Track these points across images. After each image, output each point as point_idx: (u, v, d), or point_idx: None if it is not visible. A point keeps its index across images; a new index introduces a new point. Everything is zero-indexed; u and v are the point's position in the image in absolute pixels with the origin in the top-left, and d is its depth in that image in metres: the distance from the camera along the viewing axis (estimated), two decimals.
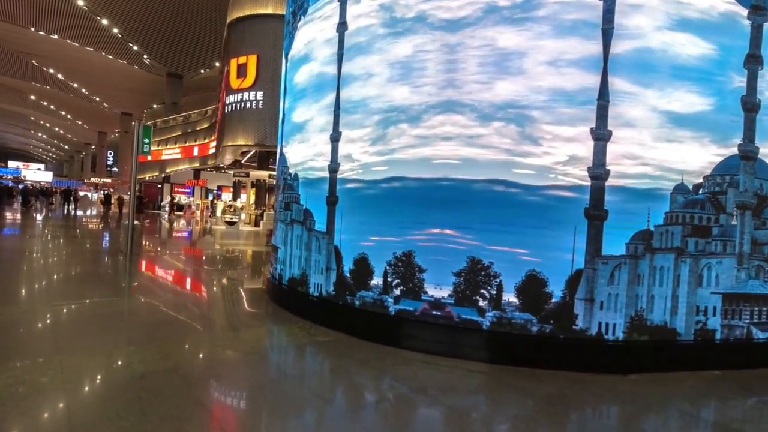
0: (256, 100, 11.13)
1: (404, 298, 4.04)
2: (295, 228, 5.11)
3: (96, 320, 4.21)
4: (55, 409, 2.46)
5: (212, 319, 4.71)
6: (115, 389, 2.69)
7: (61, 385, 2.73)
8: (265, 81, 11.05)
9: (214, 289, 6.46)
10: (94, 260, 8.33)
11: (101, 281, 6.28)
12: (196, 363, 3.37)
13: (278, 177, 5.93)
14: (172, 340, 3.83)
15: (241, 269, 8.92)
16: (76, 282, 6.09)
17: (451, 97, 3.90)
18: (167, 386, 2.79)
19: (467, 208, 3.84)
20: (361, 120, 4.42)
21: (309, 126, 5.07)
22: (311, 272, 4.79)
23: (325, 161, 4.73)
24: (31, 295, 5.07)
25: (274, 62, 10.92)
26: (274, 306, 5.31)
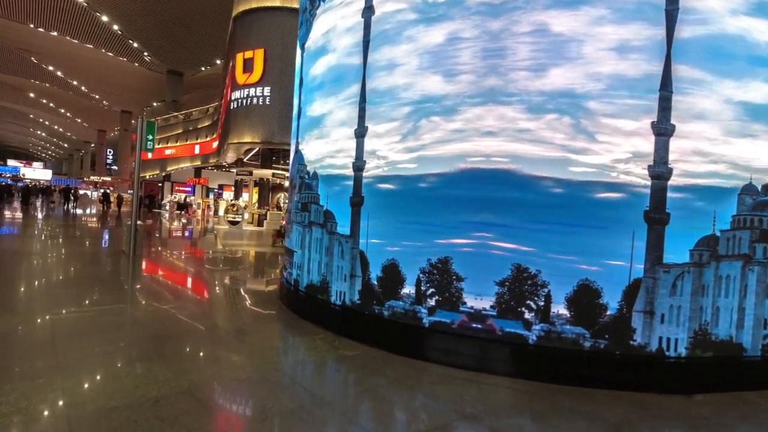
0: (263, 96, 10.72)
1: (440, 309, 3.68)
2: (314, 231, 4.74)
3: (99, 331, 3.85)
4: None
5: (224, 329, 4.35)
6: (126, 420, 2.33)
7: (63, 414, 2.36)
8: (273, 76, 10.66)
9: (223, 294, 6.10)
10: (95, 262, 7.96)
11: (103, 285, 5.91)
12: (214, 384, 3.01)
13: (293, 176, 5.56)
14: (184, 355, 3.47)
15: (250, 272, 8.56)
16: (76, 286, 5.72)
17: (493, 86, 3.53)
18: (184, 414, 2.43)
19: (512, 211, 3.48)
20: (389, 113, 4.05)
21: (329, 120, 4.70)
22: (333, 279, 4.42)
23: (347, 158, 4.36)
24: (29, 302, 4.71)
25: (282, 57, 10.56)
26: (290, 314, 4.94)
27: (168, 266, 8.47)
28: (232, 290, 6.36)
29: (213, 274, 7.77)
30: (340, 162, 4.47)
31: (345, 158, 4.41)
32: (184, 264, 8.87)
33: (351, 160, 4.32)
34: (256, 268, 9.07)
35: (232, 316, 4.79)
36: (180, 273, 7.85)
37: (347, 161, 4.37)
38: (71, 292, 5.39)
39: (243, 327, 4.45)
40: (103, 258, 8.58)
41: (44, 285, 5.64)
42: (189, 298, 5.74)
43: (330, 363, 3.53)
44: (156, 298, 5.39)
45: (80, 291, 5.47)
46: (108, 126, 52.02)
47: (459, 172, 3.65)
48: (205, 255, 10.57)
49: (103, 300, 5.04)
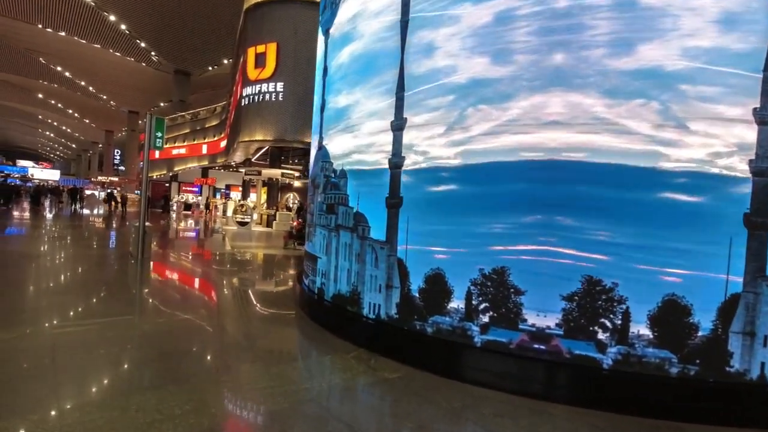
0: (275, 92, 10.28)
1: (495, 327, 3.19)
2: (341, 235, 4.27)
3: (105, 349, 3.41)
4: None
5: (243, 344, 3.89)
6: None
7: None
8: (286, 71, 10.20)
9: (237, 302, 5.65)
10: (101, 265, 7.56)
11: (110, 292, 5.48)
12: (240, 419, 2.55)
13: (315, 174, 5.09)
14: (202, 380, 3.02)
15: (263, 277, 8.12)
16: (81, 293, 5.30)
17: (560, 67, 3.04)
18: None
19: (582, 213, 2.98)
20: (430, 102, 3.58)
21: (359, 112, 4.23)
22: (365, 289, 3.95)
23: (381, 154, 3.89)
24: (29, 311, 4.29)
25: (296, 51, 10.10)
26: (314, 325, 4.48)
27: (177, 270, 8.05)
28: (246, 297, 5.91)
29: (225, 279, 7.34)
30: (373, 158, 4.00)
31: (378, 154, 3.94)
32: (194, 268, 8.45)
33: (385, 155, 3.85)
34: (269, 273, 8.63)
35: (251, 329, 4.34)
36: (190, 278, 7.42)
37: (380, 157, 3.90)
38: (75, 299, 4.97)
39: (264, 342, 3.99)
40: (109, 261, 8.19)
41: (47, 291, 5.23)
42: (201, 306, 5.30)
43: (370, 388, 3.06)
44: (167, 307, 4.95)
45: (85, 298, 5.05)
46: (115, 126, 52.09)
47: (516, 168, 3.17)
48: (215, 258, 10.15)
49: (109, 309, 4.61)
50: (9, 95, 44.63)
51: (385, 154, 3.88)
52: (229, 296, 5.92)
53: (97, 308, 4.62)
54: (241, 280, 7.31)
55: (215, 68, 34.33)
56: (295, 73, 10.13)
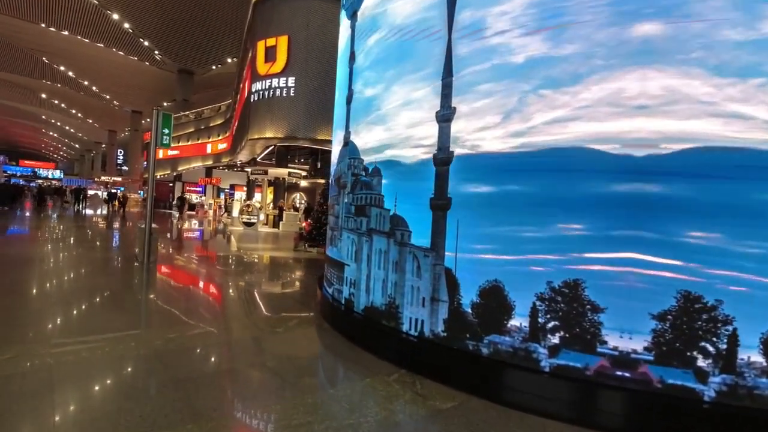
0: (286, 87, 9.80)
1: (567, 349, 2.73)
2: (375, 240, 3.81)
3: (111, 376, 2.97)
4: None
5: (268, 364, 3.43)
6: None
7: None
8: (297, 65, 9.74)
9: (253, 311, 5.20)
10: (105, 271, 7.13)
11: (115, 303, 5.05)
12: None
13: (340, 172, 4.63)
14: (226, 415, 2.57)
15: (278, 283, 7.67)
16: (83, 304, 4.86)
17: (645, 39, 2.56)
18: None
19: (678, 217, 2.51)
20: (483, 88, 3.11)
21: (395, 101, 3.77)
22: (405, 302, 3.49)
23: (422, 148, 3.43)
24: (25, 326, 3.85)
25: (307, 44, 9.64)
26: (343, 341, 4.02)
27: (186, 275, 7.62)
28: (262, 306, 5.46)
29: (236, 284, 6.89)
30: (412, 153, 3.54)
31: (418, 149, 3.48)
32: (203, 272, 8.01)
33: (426, 150, 3.38)
34: (283, 278, 8.18)
35: (273, 345, 3.88)
36: (200, 284, 6.99)
37: (422, 152, 3.44)
38: (77, 310, 4.53)
39: (290, 360, 3.54)
40: (114, 264, 7.76)
41: (46, 300, 4.80)
42: (214, 318, 4.85)
43: (425, 424, 2.60)
44: (177, 319, 4.51)
45: (88, 309, 4.62)
46: (118, 126, 51.88)
47: (591, 161, 2.70)
48: (223, 261, 9.72)
49: (115, 322, 4.17)
50: (12, 95, 44.53)
51: (425, 148, 3.42)
52: (244, 305, 5.47)
53: (102, 321, 4.18)
54: (254, 286, 6.87)
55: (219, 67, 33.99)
56: (307, 67, 9.67)
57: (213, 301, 5.61)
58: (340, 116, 4.94)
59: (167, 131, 7.51)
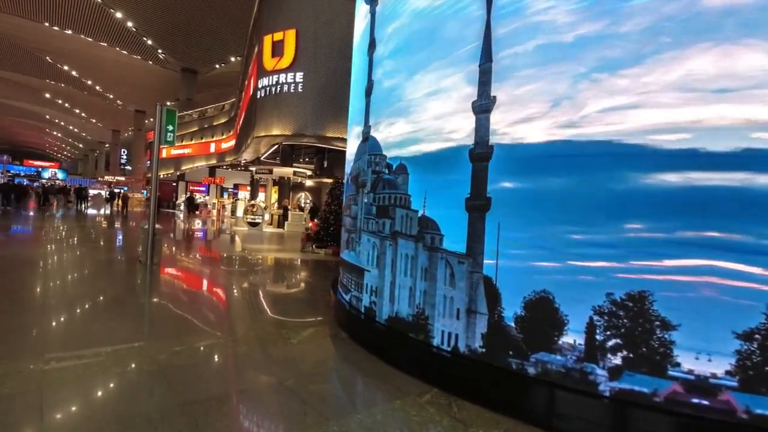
0: (294, 83, 9.45)
1: (631, 372, 2.37)
2: (400, 244, 3.46)
3: (111, 399, 2.64)
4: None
5: (289, 386, 3.09)
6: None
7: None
8: (306, 60, 9.38)
9: (266, 320, 4.88)
10: (107, 274, 6.82)
11: (116, 310, 4.73)
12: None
13: (358, 170, 4.30)
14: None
15: (288, 287, 7.34)
16: (82, 312, 4.55)
17: (723, 10, 2.21)
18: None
19: (763, 219, 2.15)
20: (526, 73, 2.76)
21: (422, 91, 3.42)
22: (436, 313, 3.14)
23: (453, 142, 3.09)
24: (18, 338, 3.53)
25: (316, 38, 9.28)
26: (363, 354, 3.68)
27: (191, 279, 7.30)
28: (273, 313, 5.13)
29: (244, 288, 6.57)
30: (442, 148, 3.20)
31: (449, 142, 3.13)
32: (209, 275, 7.70)
33: (462, 145, 3.04)
34: (292, 281, 7.85)
35: (288, 357, 3.55)
36: (207, 288, 6.67)
37: (455, 146, 3.09)
38: (75, 319, 4.22)
39: (309, 378, 3.20)
40: (116, 266, 7.45)
41: (43, 307, 4.49)
42: (223, 327, 4.52)
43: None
44: (184, 329, 4.19)
45: (87, 317, 4.30)
46: (122, 126, 51.79)
47: (661, 155, 2.34)
48: (230, 263, 9.41)
49: (116, 332, 3.84)
50: (16, 95, 44.53)
51: (458, 142, 3.07)
52: (253, 312, 5.14)
53: (102, 330, 3.86)
54: (263, 291, 6.54)
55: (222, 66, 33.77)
56: (315, 61, 9.32)
57: (220, 307, 5.28)
58: (357, 110, 4.60)
59: (171, 128, 7.19)
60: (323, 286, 6.96)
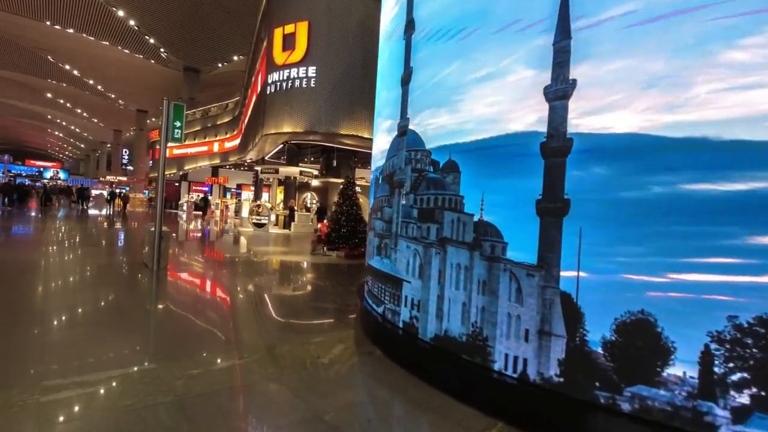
0: (306, 78, 8.99)
1: (762, 413, 1.93)
2: (450, 253, 3.02)
3: None
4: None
5: (327, 420, 2.65)
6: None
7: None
8: (318, 53, 8.93)
9: (288, 335, 4.45)
10: (110, 280, 6.39)
11: (122, 324, 4.30)
12: None
13: (394, 167, 3.86)
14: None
15: (306, 295, 6.91)
16: (85, 327, 4.13)
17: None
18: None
19: None
20: (609, 48, 2.32)
21: (478, 74, 2.98)
22: (497, 334, 2.70)
23: (523, 136, 2.65)
24: (11, 362, 3.11)
25: (330, 30, 8.83)
26: (405, 376, 3.24)
27: (201, 286, 6.88)
28: (295, 326, 4.70)
29: (260, 298, 6.15)
30: (505, 141, 2.76)
31: (517, 136, 2.69)
32: (220, 281, 7.27)
33: (531, 137, 2.60)
34: (309, 288, 7.41)
35: (322, 382, 3.12)
36: (218, 296, 6.25)
37: (521, 140, 2.65)
38: (78, 336, 3.79)
39: (351, 409, 2.77)
40: (120, 272, 7.02)
41: (40, 323, 4.06)
42: (241, 344, 4.09)
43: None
44: (198, 347, 3.76)
45: (91, 334, 3.87)
46: (124, 126, 51.51)
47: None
48: (239, 267, 8.98)
49: (123, 352, 3.42)
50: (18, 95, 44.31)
51: (520, 134, 2.64)
52: (274, 324, 4.71)
53: (107, 350, 3.43)
54: (279, 299, 6.12)
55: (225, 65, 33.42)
56: (328, 55, 8.88)
57: (236, 319, 4.85)
58: (388, 102, 4.17)
59: (179, 124, 6.77)
60: (343, 294, 6.54)
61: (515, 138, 2.68)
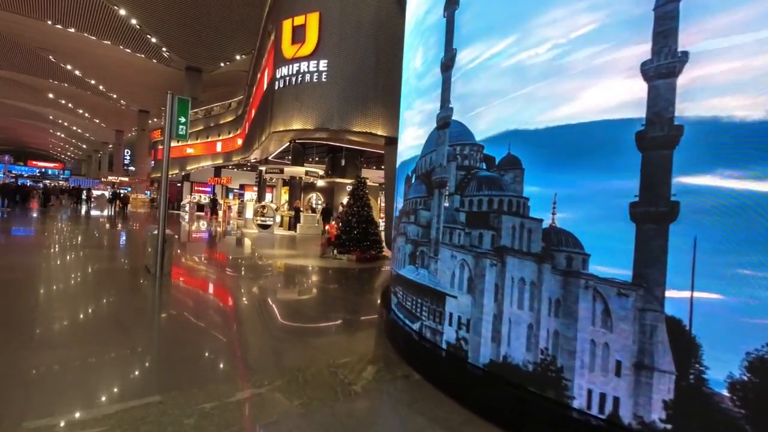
0: (317, 72, 8.50)
1: None
2: (511, 265, 2.55)
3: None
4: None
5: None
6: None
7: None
8: (330, 46, 8.44)
9: (310, 351, 3.98)
10: (111, 289, 5.93)
11: (121, 343, 3.83)
12: None
13: (433, 165, 3.39)
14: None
15: (322, 304, 6.44)
16: (82, 347, 3.67)
17: None
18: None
19: None
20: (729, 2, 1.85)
21: (549, 50, 2.51)
22: (576, 365, 2.23)
23: (609, 124, 2.18)
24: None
25: (342, 21, 8.34)
26: (453, 406, 2.77)
27: (208, 294, 6.42)
28: (316, 342, 4.23)
29: (273, 307, 5.69)
30: (587, 130, 2.29)
31: (602, 124, 2.22)
32: (228, 288, 6.81)
33: (622, 124, 2.13)
34: (325, 298, 6.94)
35: (360, 417, 2.65)
36: (229, 307, 5.79)
37: (609, 128, 2.18)
38: (72, 361, 3.33)
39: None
40: (120, 278, 6.55)
41: (28, 343, 3.61)
42: (260, 364, 3.62)
43: None
44: (212, 371, 3.30)
45: (87, 357, 3.41)
46: (125, 126, 51.23)
47: None
48: (246, 271, 8.52)
49: (124, 382, 2.96)
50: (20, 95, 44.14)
51: (608, 122, 2.17)
52: (293, 341, 4.24)
53: (104, 379, 2.96)
54: (296, 310, 5.66)
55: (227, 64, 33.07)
56: (341, 48, 8.40)
57: (251, 336, 4.36)
58: (418, 91, 3.70)
59: (184, 120, 6.31)
60: (362, 303, 6.09)
61: (601, 126, 2.21)
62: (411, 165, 3.83)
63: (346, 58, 8.55)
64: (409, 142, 4.00)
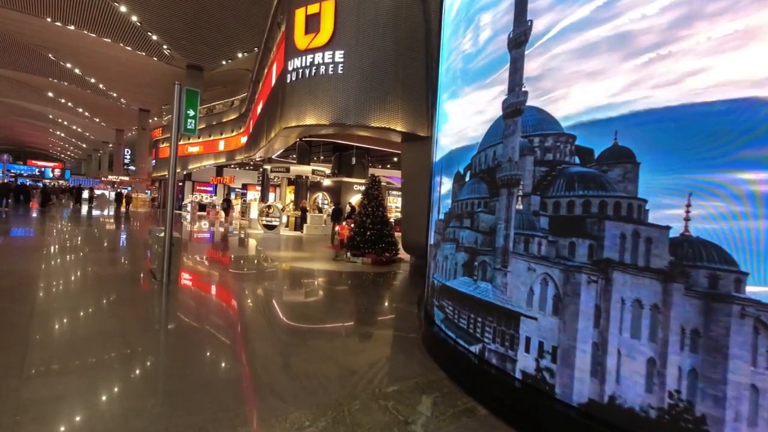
0: (333, 63, 7.94)
1: None
2: (620, 283, 2.04)
3: None
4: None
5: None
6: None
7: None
8: (347, 36, 7.89)
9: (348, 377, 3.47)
10: (114, 298, 5.42)
11: (124, 368, 3.33)
12: None
13: (498, 160, 2.88)
14: None
15: (347, 314, 5.93)
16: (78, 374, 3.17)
17: None
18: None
19: None
20: None
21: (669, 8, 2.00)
22: (729, 416, 1.72)
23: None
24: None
25: (359, 9, 7.77)
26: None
27: (221, 303, 5.91)
28: (357, 365, 3.70)
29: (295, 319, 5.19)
30: (735, 107, 1.78)
31: (756, 101, 1.72)
32: (242, 296, 6.30)
33: None
34: (350, 308, 6.41)
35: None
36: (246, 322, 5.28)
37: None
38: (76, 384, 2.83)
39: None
40: (125, 287, 6.04)
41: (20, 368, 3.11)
42: (296, 398, 3.11)
43: None
44: (236, 408, 2.79)
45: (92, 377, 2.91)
46: (126, 125, 50.78)
47: None
48: (259, 278, 8.02)
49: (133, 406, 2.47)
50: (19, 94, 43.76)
51: (747, 96, 1.66)
52: (326, 364, 3.72)
53: (111, 416, 2.47)
54: (322, 323, 5.15)
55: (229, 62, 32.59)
56: (358, 37, 7.85)
57: (278, 357, 3.83)
58: (474, 74, 3.19)
59: (192, 113, 5.80)
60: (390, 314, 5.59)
61: (755, 105, 1.70)
62: (462, 161, 3.32)
63: (364, 48, 8.03)
64: (457, 136, 3.49)
